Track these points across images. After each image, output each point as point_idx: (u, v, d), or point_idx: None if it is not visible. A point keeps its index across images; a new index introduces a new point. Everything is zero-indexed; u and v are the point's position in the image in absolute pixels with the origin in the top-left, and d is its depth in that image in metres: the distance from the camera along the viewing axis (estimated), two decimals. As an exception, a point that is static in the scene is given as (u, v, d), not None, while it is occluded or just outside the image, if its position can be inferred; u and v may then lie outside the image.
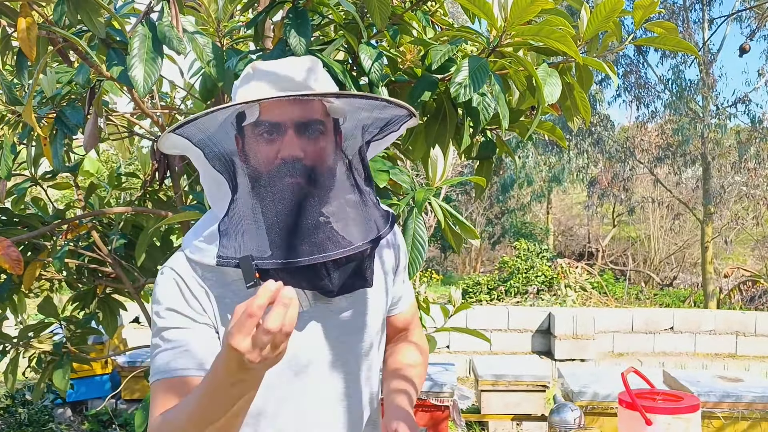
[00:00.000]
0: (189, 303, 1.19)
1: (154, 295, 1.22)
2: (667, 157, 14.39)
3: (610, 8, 1.72)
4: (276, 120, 1.16)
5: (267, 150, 1.16)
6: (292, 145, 1.15)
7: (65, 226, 2.33)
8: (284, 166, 1.14)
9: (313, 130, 1.18)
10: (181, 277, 1.21)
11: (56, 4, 1.43)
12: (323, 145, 1.19)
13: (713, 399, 3.77)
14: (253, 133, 1.17)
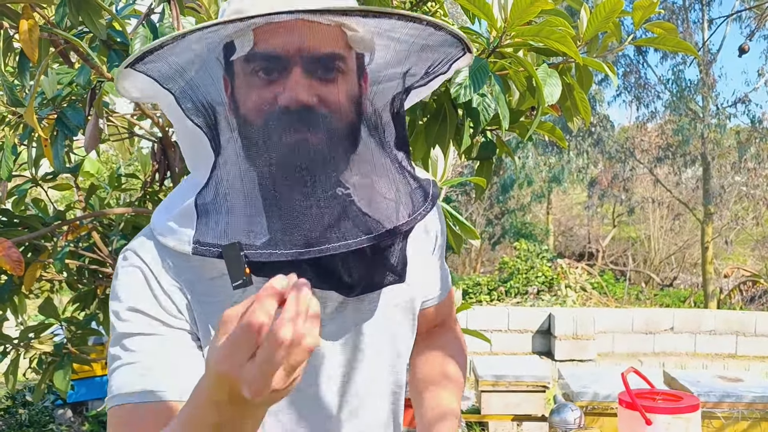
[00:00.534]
0: (159, 301, 0.89)
1: (112, 288, 0.92)
2: (667, 157, 14.40)
3: (610, 9, 1.72)
4: (277, 52, 0.83)
5: (263, 94, 0.84)
6: (298, 86, 0.83)
7: (66, 227, 2.33)
8: (287, 117, 0.82)
9: (329, 67, 0.86)
10: (148, 267, 0.90)
11: (58, 5, 1.43)
12: (343, 88, 0.87)
13: (713, 399, 3.78)
14: (245, 71, 0.86)
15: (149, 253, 0.91)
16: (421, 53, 0.89)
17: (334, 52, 0.86)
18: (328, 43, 0.85)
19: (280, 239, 0.82)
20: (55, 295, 3.05)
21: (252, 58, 0.84)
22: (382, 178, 0.90)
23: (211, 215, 0.85)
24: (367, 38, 0.88)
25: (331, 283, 0.88)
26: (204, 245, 0.84)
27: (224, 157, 0.85)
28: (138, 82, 0.84)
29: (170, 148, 2.19)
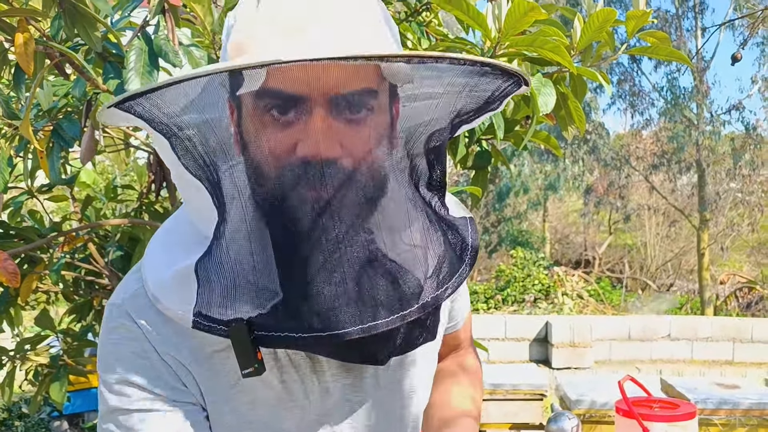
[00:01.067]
0: (160, 374, 0.77)
1: (101, 352, 0.79)
2: (662, 164, 14.44)
3: (603, 18, 1.73)
4: (295, 91, 0.68)
5: (278, 140, 0.69)
6: (322, 133, 0.68)
7: (62, 239, 2.33)
8: (307, 172, 0.68)
9: (358, 105, 0.70)
10: (143, 332, 0.77)
11: (53, 18, 1.44)
12: (374, 131, 0.72)
13: (710, 406, 3.78)
14: (255, 106, 0.70)
15: (143, 315, 0.78)
16: (471, 92, 0.73)
17: (366, 89, 0.70)
18: (359, 78, 0.69)
19: (297, 318, 0.70)
20: (51, 306, 3.05)
21: (264, 95, 0.69)
22: (418, 238, 0.76)
23: (215, 284, 0.72)
24: (404, 70, 0.71)
25: (356, 358, 0.78)
26: (207, 320, 0.72)
27: (229, 216, 0.71)
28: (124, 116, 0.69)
29: (166, 159, 2.19)
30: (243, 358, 0.71)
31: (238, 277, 0.71)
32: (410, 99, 0.75)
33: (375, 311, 0.70)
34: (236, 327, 0.70)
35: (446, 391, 1.08)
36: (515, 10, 1.56)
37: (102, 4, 1.45)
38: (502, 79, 0.71)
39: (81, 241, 2.41)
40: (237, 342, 0.70)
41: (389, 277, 0.73)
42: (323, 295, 0.69)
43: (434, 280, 0.76)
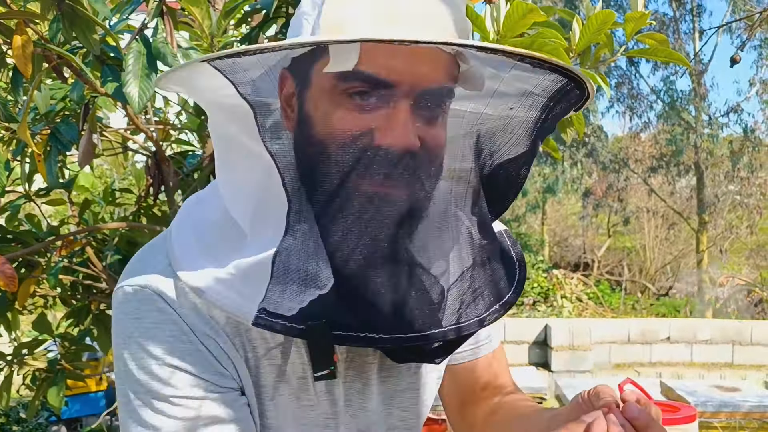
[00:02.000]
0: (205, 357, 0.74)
1: (125, 335, 0.73)
2: (660, 167, 14.46)
3: (602, 21, 1.73)
4: (387, 77, 0.66)
5: (354, 122, 0.67)
6: (405, 124, 0.67)
7: (59, 243, 2.32)
8: (389, 162, 0.66)
9: (438, 104, 0.70)
10: (178, 314, 0.73)
11: (51, 21, 1.43)
12: (445, 132, 0.72)
13: (711, 409, 3.78)
14: (333, 89, 0.67)
15: (177, 297, 0.73)
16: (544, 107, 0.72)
17: (449, 88, 0.70)
18: (445, 75, 0.69)
19: (375, 320, 0.67)
20: (49, 310, 3.04)
21: (352, 78, 0.66)
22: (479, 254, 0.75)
23: (290, 280, 0.67)
24: (479, 76, 0.71)
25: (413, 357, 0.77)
26: (272, 316, 0.67)
27: (305, 206, 0.67)
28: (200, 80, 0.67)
29: (164, 162, 2.19)
30: (320, 360, 0.69)
31: (314, 276, 0.68)
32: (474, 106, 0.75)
33: (454, 315, 0.71)
34: (317, 325, 0.66)
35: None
36: (514, 12, 1.56)
37: (100, 6, 1.44)
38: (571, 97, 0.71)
39: (79, 245, 2.40)
40: (315, 341, 0.68)
41: (467, 282, 0.73)
42: (404, 296, 0.68)
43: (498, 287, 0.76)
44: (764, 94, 13.27)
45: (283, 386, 0.79)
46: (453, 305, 0.72)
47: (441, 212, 0.72)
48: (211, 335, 0.74)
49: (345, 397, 0.84)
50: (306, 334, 0.67)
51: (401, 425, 0.90)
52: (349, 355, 0.82)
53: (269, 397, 0.79)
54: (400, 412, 0.89)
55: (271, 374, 0.78)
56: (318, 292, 0.67)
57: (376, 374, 0.85)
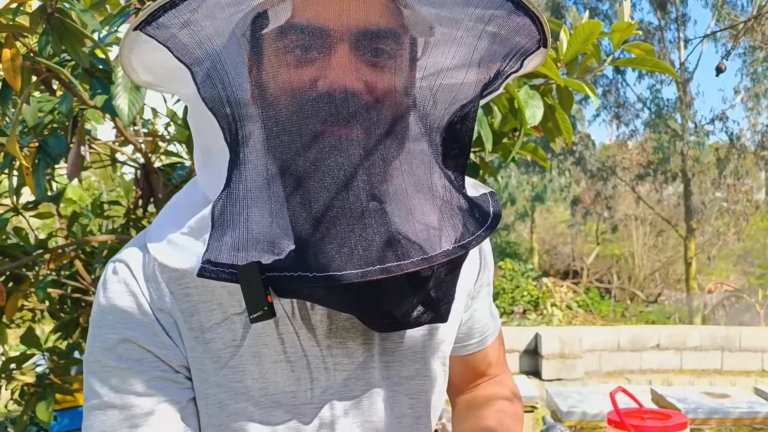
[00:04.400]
0: (155, 331, 0.76)
1: (96, 306, 0.79)
2: (648, 174, 14.56)
3: (589, 31, 1.74)
4: (320, 23, 0.67)
5: (299, 75, 0.68)
6: (344, 68, 0.67)
7: (48, 256, 2.31)
8: (327, 104, 0.67)
9: (380, 47, 0.70)
10: (138, 285, 0.77)
11: (41, 34, 1.43)
12: (394, 76, 0.71)
13: (701, 416, 3.79)
14: (277, 48, 0.69)
15: (142, 269, 0.77)
16: (491, 45, 0.72)
17: (389, 29, 0.69)
18: (383, 17, 0.69)
19: (310, 258, 0.66)
20: (37, 324, 3.02)
21: (288, 31, 0.68)
22: (440, 191, 0.74)
23: (227, 229, 0.69)
24: (426, 19, 0.71)
25: (359, 311, 0.74)
26: (216, 266, 0.68)
27: (243, 154, 0.69)
28: (146, 56, 0.70)
29: (153, 174, 2.18)
30: (252, 299, 0.67)
31: (250, 221, 0.69)
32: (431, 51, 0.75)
33: (396, 253, 0.67)
34: (246, 266, 0.66)
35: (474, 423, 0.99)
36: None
37: (89, 19, 1.44)
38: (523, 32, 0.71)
39: (67, 258, 2.39)
40: (246, 282, 0.66)
41: (412, 221, 0.70)
42: (342, 234, 0.66)
43: (458, 232, 0.73)
44: (749, 101, 13.41)
45: (254, 369, 0.79)
46: (398, 244, 0.68)
47: (388, 155, 0.70)
48: (164, 309, 0.76)
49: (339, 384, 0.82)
50: (238, 277, 0.67)
51: (410, 413, 0.88)
52: (338, 340, 0.81)
53: (237, 379, 0.79)
54: (408, 399, 0.87)
55: (242, 357, 0.78)
56: (256, 239, 0.69)
57: (378, 359, 0.84)
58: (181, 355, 0.78)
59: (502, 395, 1.02)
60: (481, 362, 1.04)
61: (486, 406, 1.00)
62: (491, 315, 1.03)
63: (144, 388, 0.76)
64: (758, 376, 7.47)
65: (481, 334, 1.01)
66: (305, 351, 0.79)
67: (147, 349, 0.76)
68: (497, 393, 1.02)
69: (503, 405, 1.00)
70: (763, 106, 13.21)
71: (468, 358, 1.02)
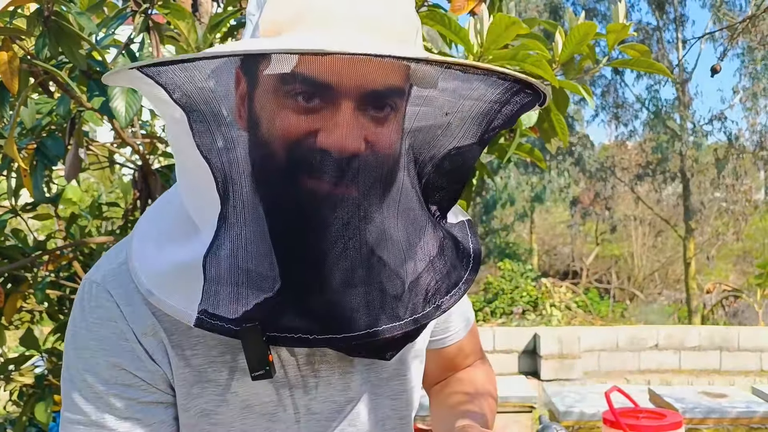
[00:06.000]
0: (139, 356, 0.76)
1: (74, 330, 0.78)
2: (647, 174, 14.56)
3: (584, 32, 1.75)
4: (327, 80, 0.65)
5: (298, 125, 0.66)
6: (348, 128, 0.66)
7: (46, 257, 2.31)
8: (328, 164, 0.66)
9: (384, 103, 0.69)
10: (120, 311, 0.76)
11: (38, 36, 1.44)
12: (395, 130, 0.71)
13: (698, 415, 3.79)
14: (276, 91, 0.67)
15: (123, 294, 0.76)
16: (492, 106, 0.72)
17: (395, 87, 0.69)
18: (390, 75, 0.68)
19: (309, 321, 0.68)
20: (36, 325, 3.02)
21: (292, 80, 0.65)
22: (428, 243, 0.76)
23: (222, 280, 0.68)
24: (430, 74, 0.70)
25: (362, 353, 0.78)
26: (213, 318, 0.68)
27: (236, 208, 0.67)
28: (137, 81, 0.66)
29: (151, 175, 2.19)
30: (254, 360, 0.69)
31: (246, 274, 0.69)
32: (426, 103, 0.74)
33: (390, 314, 0.71)
34: (249, 327, 0.67)
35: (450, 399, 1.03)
36: (497, 24, 1.58)
37: (86, 22, 1.45)
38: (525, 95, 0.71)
39: (66, 259, 2.39)
40: (248, 342, 0.68)
41: (402, 281, 0.73)
42: (340, 297, 0.68)
43: (444, 285, 0.76)
44: (748, 101, 13.42)
45: (234, 383, 0.79)
46: (390, 305, 0.71)
47: (382, 216, 0.71)
48: (149, 333, 0.76)
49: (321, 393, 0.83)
50: (240, 336, 0.68)
51: (393, 414, 0.90)
52: (317, 349, 0.81)
53: (218, 393, 0.80)
54: (389, 401, 0.89)
55: (221, 371, 0.79)
56: (254, 293, 0.69)
57: (357, 363, 0.85)
58: (167, 377, 0.78)
59: (476, 382, 1.05)
60: (457, 354, 1.06)
61: (459, 389, 1.03)
62: (464, 309, 1.05)
63: (130, 412, 0.77)
64: (757, 376, 7.48)
65: (456, 328, 1.03)
66: (284, 362, 0.81)
67: (134, 374, 0.76)
68: (470, 378, 1.06)
69: (476, 387, 1.03)
70: (761, 106, 13.23)
71: (444, 351, 1.04)
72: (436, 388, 1.08)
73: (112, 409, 0.76)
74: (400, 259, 0.73)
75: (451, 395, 1.02)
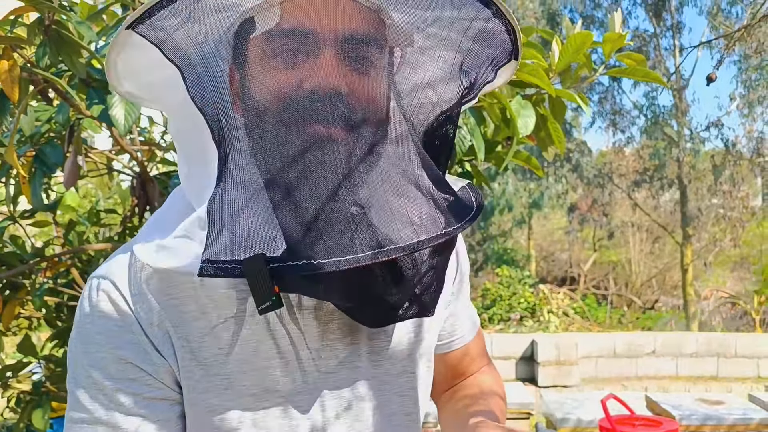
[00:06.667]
0: (145, 348, 0.77)
1: (80, 324, 0.78)
2: (644, 181, 14.60)
3: (580, 42, 1.76)
4: (307, 27, 0.71)
5: (285, 78, 0.71)
6: (330, 70, 0.71)
7: (44, 264, 2.32)
8: (315, 103, 0.70)
9: (364, 54, 0.73)
10: (126, 302, 0.77)
11: (38, 45, 1.45)
12: (376, 83, 0.75)
13: (695, 422, 3.80)
14: (266, 51, 0.72)
15: (129, 284, 0.78)
16: (468, 54, 0.76)
17: (373, 37, 0.73)
18: (368, 26, 0.73)
19: (313, 247, 0.68)
20: (34, 332, 3.02)
21: (276, 34, 0.70)
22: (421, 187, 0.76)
23: (225, 224, 0.69)
24: (407, 31, 0.75)
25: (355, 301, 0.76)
26: (218, 263, 0.68)
27: (234, 152, 0.71)
28: (134, 60, 0.70)
29: (149, 182, 2.20)
30: (259, 291, 0.68)
31: (247, 215, 0.70)
32: (411, 59, 0.78)
33: (394, 236, 0.70)
34: (252, 258, 0.67)
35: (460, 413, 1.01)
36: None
37: (86, 30, 1.46)
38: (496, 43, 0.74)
39: (64, 266, 2.40)
40: (253, 275, 0.67)
41: (404, 210, 0.73)
42: (341, 223, 0.68)
43: (447, 219, 0.75)
44: (744, 108, 13.46)
45: (242, 376, 0.80)
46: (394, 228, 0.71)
47: (376, 151, 0.73)
48: (155, 323, 0.77)
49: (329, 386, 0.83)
50: (243, 270, 0.68)
51: (400, 411, 0.90)
52: (326, 342, 0.82)
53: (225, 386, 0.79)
54: (397, 397, 0.89)
55: (229, 364, 0.79)
56: (256, 233, 0.69)
57: (366, 358, 0.85)
58: (173, 370, 0.78)
59: (483, 385, 1.05)
60: (462, 360, 1.06)
61: (469, 396, 1.03)
62: (469, 312, 1.06)
63: (135, 408, 0.77)
64: (753, 383, 7.49)
65: (462, 332, 1.03)
66: (294, 355, 0.81)
67: (140, 368, 0.77)
68: (479, 384, 1.06)
69: (486, 393, 1.03)
70: (757, 113, 13.27)
71: (450, 356, 1.04)
72: (445, 397, 1.08)
73: (117, 405, 0.77)
74: (399, 192, 0.74)
75: (461, 400, 1.02)
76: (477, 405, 0.99)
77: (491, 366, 1.13)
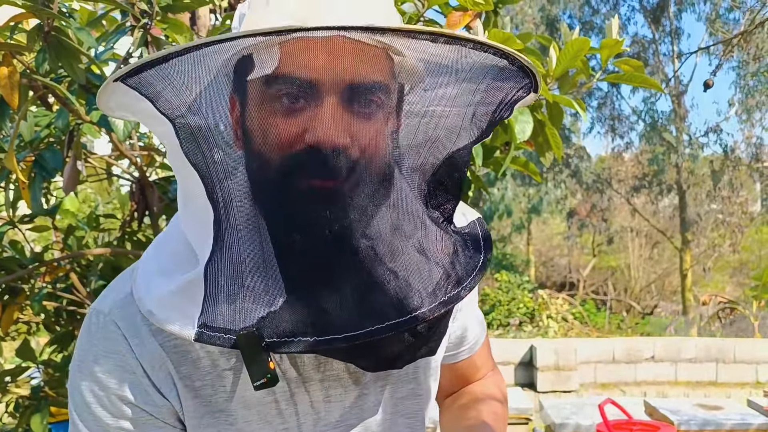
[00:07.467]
0: (145, 389, 0.76)
1: (81, 358, 0.77)
2: (643, 186, 14.61)
3: (577, 48, 1.77)
4: (309, 76, 0.65)
5: (286, 127, 0.67)
6: (332, 121, 0.65)
7: (43, 269, 2.32)
8: (315, 160, 0.65)
9: (369, 99, 0.68)
10: (127, 343, 0.75)
11: (38, 51, 1.45)
12: (382, 128, 0.70)
13: (694, 428, 3.80)
14: (262, 95, 0.67)
15: (131, 326, 0.75)
16: (486, 92, 0.71)
17: (380, 82, 0.68)
18: (374, 69, 0.67)
19: (309, 323, 0.65)
20: (33, 337, 3.02)
21: (275, 81, 0.66)
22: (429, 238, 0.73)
23: (221, 291, 0.67)
24: (418, 68, 0.70)
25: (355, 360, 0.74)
26: (213, 331, 0.66)
27: (230, 214, 0.66)
28: (126, 102, 0.67)
29: (148, 187, 2.20)
30: (255, 368, 0.66)
31: (243, 284, 0.67)
32: (420, 101, 0.73)
33: (395, 310, 0.67)
34: (246, 335, 0.65)
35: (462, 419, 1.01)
36: (492, 40, 1.60)
37: (86, 36, 1.47)
38: (516, 81, 0.70)
39: (63, 270, 2.40)
40: (248, 350, 0.65)
41: (406, 275, 0.69)
42: (339, 295, 0.66)
43: (452, 279, 0.72)
44: (743, 114, 13.49)
45: (246, 412, 0.79)
46: (392, 302, 0.68)
47: (380, 209, 0.69)
48: (156, 365, 0.76)
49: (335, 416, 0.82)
50: (238, 344, 0.66)
51: (406, 431, 0.89)
52: (329, 372, 0.81)
53: (231, 422, 0.79)
54: (404, 419, 0.88)
55: (232, 401, 0.79)
56: (252, 302, 0.67)
57: (372, 385, 0.84)
58: (174, 410, 0.78)
59: (486, 391, 1.05)
60: (468, 367, 1.05)
61: (470, 403, 1.02)
62: (478, 321, 1.03)
63: None
64: (752, 388, 7.48)
65: (471, 342, 1.02)
66: (299, 388, 0.80)
67: (141, 408, 0.76)
68: (482, 391, 1.05)
69: (488, 401, 1.02)
70: (756, 119, 13.30)
71: (458, 365, 1.03)
72: (448, 402, 1.08)
73: None
74: (403, 254, 0.70)
75: (462, 408, 1.02)
76: (476, 412, 0.99)
77: (496, 371, 1.13)
